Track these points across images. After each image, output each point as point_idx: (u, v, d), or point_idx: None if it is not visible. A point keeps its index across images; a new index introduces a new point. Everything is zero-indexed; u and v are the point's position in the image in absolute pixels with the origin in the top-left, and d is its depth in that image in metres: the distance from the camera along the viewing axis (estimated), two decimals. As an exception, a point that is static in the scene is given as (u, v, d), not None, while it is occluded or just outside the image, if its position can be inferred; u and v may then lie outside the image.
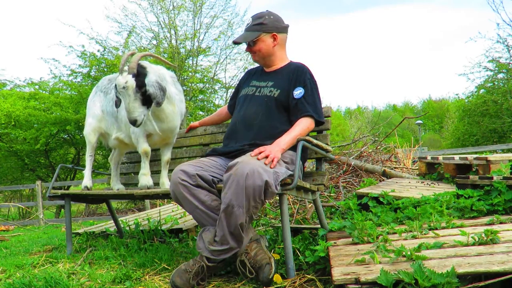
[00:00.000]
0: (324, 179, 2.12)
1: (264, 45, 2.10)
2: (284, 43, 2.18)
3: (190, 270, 1.72)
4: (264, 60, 2.16)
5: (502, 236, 1.65)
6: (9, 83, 10.78)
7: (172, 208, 4.24)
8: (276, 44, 2.11)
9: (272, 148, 1.79)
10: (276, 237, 2.36)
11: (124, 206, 10.76)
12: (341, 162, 5.07)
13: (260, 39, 2.09)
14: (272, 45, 2.11)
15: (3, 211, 12.02)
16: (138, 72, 2.13)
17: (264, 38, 2.09)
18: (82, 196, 2.75)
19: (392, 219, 2.37)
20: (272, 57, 2.14)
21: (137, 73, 2.12)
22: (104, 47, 9.97)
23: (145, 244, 2.62)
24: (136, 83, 2.10)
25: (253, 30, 2.09)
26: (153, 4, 11.40)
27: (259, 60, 2.18)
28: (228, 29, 11.89)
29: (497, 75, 13.34)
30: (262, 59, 2.16)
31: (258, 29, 2.08)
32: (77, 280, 1.96)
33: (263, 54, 2.12)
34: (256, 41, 2.09)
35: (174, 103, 2.40)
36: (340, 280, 1.32)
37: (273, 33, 2.10)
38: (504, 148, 9.17)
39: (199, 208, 1.79)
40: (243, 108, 2.12)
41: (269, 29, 2.09)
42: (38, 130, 8.98)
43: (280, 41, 2.13)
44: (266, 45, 2.10)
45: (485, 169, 3.09)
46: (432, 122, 41.63)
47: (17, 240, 4.15)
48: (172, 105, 2.39)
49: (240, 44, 2.20)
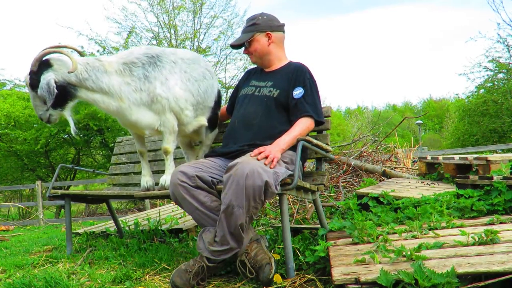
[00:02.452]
0: (324, 179, 2.12)
1: (258, 44, 2.12)
2: (281, 42, 2.19)
3: (190, 270, 1.72)
4: (261, 60, 2.17)
5: (502, 236, 1.65)
6: (9, 83, 10.79)
7: (172, 208, 4.24)
8: (271, 42, 2.13)
9: (271, 148, 1.79)
10: (276, 237, 2.36)
11: (124, 206, 10.77)
12: (341, 162, 5.08)
13: (254, 39, 2.12)
14: (267, 44, 2.13)
15: (3, 211, 12.02)
16: (38, 70, 1.95)
17: (258, 37, 2.12)
18: (82, 196, 2.75)
19: (392, 219, 2.37)
20: (269, 56, 2.15)
21: (37, 70, 1.95)
22: (103, 47, 9.98)
23: (145, 244, 2.62)
24: (29, 81, 1.96)
25: (247, 31, 2.14)
26: (153, 4, 11.42)
27: (256, 60, 2.20)
28: (228, 29, 11.91)
29: (497, 75, 13.34)
30: (260, 59, 2.17)
31: (252, 30, 2.12)
32: (77, 280, 1.96)
33: (259, 54, 2.14)
34: (251, 41, 2.13)
35: (120, 96, 2.05)
36: (340, 280, 1.32)
37: (266, 32, 2.12)
38: (504, 148, 9.18)
39: (199, 209, 1.79)
40: (243, 108, 2.12)
41: (263, 28, 2.12)
42: (38, 131, 8.99)
43: (275, 40, 2.14)
44: (260, 44, 2.12)
45: (485, 169, 3.09)
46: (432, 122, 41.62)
47: (17, 240, 4.15)
48: (117, 99, 2.05)
49: (238, 48, 2.21)
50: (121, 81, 2.06)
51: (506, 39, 12.40)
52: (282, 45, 2.20)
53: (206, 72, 2.36)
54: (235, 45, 2.17)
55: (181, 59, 2.23)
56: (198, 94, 2.24)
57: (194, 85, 2.22)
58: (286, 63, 2.18)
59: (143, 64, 2.09)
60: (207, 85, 2.32)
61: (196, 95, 2.23)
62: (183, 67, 2.21)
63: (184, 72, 2.19)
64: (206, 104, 2.34)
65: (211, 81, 2.38)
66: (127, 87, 2.06)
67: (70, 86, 2.01)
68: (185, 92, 2.17)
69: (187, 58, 2.28)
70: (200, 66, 2.33)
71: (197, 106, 2.27)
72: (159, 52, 2.17)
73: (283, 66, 2.16)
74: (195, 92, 2.22)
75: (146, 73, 2.08)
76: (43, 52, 1.98)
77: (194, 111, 2.26)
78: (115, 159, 3.22)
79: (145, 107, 2.10)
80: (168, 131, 2.16)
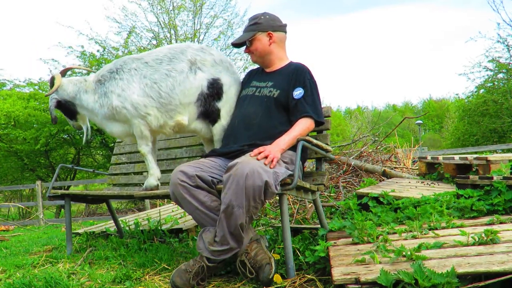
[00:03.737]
0: (324, 179, 2.12)
1: (260, 43, 2.12)
2: (282, 42, 2.19)
3: (190, 270, 1.72)
4: (262, 59, 2.17)
5: (502, 236, 1.65)
6: (9, 83, 10.79)
7: (172, 208, 4.24)
8: (272, 42, 2.13)
9: (271, 148, 1.79)
10: (276, 237, 2.36)
11: (124, 206, 10.77)
12: (341, 162, 5.07)
13: (255, 38, 2.12)
14: (268, 44, 2.13)
15: (3, 211, 12.03)
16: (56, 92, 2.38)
17: (259, 37, 2.12)
18: (82, 196, 2.75)
19: (392, 219, 2.37)
20: (269, 56, 2.15)
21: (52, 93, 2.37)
22: (103, 47, 9.98)
23: (145, 244, 2.62)
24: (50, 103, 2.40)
25: (249, 30, 2.14)
26: (153, 4, 11.43)
27: (257, 60, 2.20)
28: (228, 29, 11.92)
29: (497, 75, 13.35)
30: (260, 58, 2.17)
31: (254, 29, 2.13)
32: (77, 280, 1.96)
33: (260, 53, 2.15)
34: (252, 40, 2.13)
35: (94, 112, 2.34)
36: (340, 280, 1.32)
37: (268, 31, 2.12)
38: (504, 148, 9.18)
39: (199, 208, 1.79)
40: (243, 108, 2.12)
41: (264, 27, 2.12)
42: (38, 130, 8.99)
43: (277, 40, 2.14)
44: (262, 43, 2.12)
45: (485, 169, 3.09)
46: (432, 122, 41.63)
47: (17, 240, 4.15)
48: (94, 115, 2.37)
49: (239, 47, 2.21)
50: (92, 99, 2.34)
51: (506, 39, 12.42)
52: (284, 45, 2.20)
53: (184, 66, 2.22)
54: (236, 44, 2.17)
55: (145, 63, 2.25)
56: (160, 96, 2.20)
57: (154, 88, 2.21)
58: (286, 64, 2.18)
59: (105, 80, 2.31)
60: (173, 83, 2.21)
61: (157, 97, 2.20)
62: (144, 72, 2.23)
63: (143, 78, 2.23)
64: (176, 102, 2.21)
65: (180, 76, 2.21)
66: (95, 104, 2.33)
67: (69, 103, 2.40)
68: (144, 97, 2.20)
69: (156, 59, 2.25)
70: (178, 61, 2.23)
71: (165, 108, 2.22)
72: (122, 63, 2.30)
73: (283, 66, 2.16)
74: (155, 95, 2.20)
75: (105, 89, 2.29)
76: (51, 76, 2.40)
77: (163, 113, 2.23)
78: (115, 159, 3.22)
79: (112, 119, 2.31)
80: (138, 136, 2.30)
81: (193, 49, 2.29)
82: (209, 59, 2.26)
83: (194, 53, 2.27)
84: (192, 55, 2.25)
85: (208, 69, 2.25)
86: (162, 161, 2.89)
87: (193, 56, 2.25)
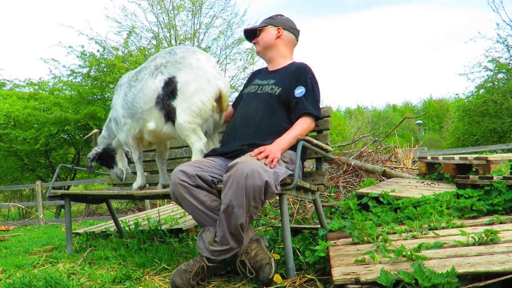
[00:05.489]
0: (324, 179, 2.12)
1: (267, 34, 2.21)
2: (290, 43, 2.25)
3: (190, 270, 1.72)
4: (265, 51, 2.23)
5: (502, 236, 1.65)
6: (9, 83, 10.80)
7: (172, 208, 4.24)
8: (279, 37, 2.20)
9: (271, 148, 1.79)
10: (276, 237, 2.36)
11: (124, 206, 10.77)
12: (341, 162, 5.08)
13: (265, 29, 2.23)
14: (274, 37, 2.20)
15: (3, 211, 12.03)
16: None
17: (269, 29, 2.23)
18: (82, 196, 2.75)
19: (392, 219, 2.37)
20: (273, 49, 2.20)
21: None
22: (103, 47, 9.97)
23: (145, 244, 2.62)
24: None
25: (263, 22, 2.27)
26: (152, 4, 11.42)
27: (260, 50, 2.26)
28: (227, 29, 11.91)
29: (497, 75, 13.36)
30: (263, 49, 2.23)
31: (267, 22, 2.26)
32: (77, 280, 1.96)
33: (264, 44, 2.22)
34: (261, 30, 2.24)
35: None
36: (340, 280, 1.32)
37: (278, 27, 2.21)
38: (504, 148, 9.18)
39: (199, 208, 1.79)
40: (245, 105, 2.14)
41: (276, 23, 2.23)
42: (38, 130, 9.00)
43: (284, 38, 2.21)
44: (269, 35, 2.21)
45: (485, 169, 3.09)
46: (432, 122, 41.62)
47: (17, 240, 4.15)
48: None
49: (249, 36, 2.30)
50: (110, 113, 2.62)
51: (506, 39, 12.41)
52: (291, 47, 2.26)
53: (146, 73, 2.22)
54: (248, 30, 2.30)
55: (127, 78, 2.39)
56: (128, 106, 2.28)
57: (125, 99, 2.31)
58: (289, 63, 2.19)
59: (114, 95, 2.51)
60: (134, 92, 2.24)
61: (127, 108, 2.29)
62: (124, 87, 2.37)
63: (123, 91, 2.36)
64: (139, 110, 2.21)
65: (139, 84, 2.22)
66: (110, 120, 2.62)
67: (109, 149, 2.69)
68: (122, 109, 2.34)
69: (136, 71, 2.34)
70: (146, 69, 2.24)
71: (135, 117, 2.26)
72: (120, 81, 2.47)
73: (286, 65, 2.18)
74: (126, 106, 2.30)
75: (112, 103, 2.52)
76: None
77: (134, 122, 2.28)
78: (115, 159, 3.22)
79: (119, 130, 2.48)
80: (126, 145, 2.54)
81: (164, 53, 2.24)
82: (172, 60, 2.16)
83: (162, 56, 2.21)
84: (159, 60, 2.20)
85: (168, 70, 2.14)
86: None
87: (160, 60, 2.19)
